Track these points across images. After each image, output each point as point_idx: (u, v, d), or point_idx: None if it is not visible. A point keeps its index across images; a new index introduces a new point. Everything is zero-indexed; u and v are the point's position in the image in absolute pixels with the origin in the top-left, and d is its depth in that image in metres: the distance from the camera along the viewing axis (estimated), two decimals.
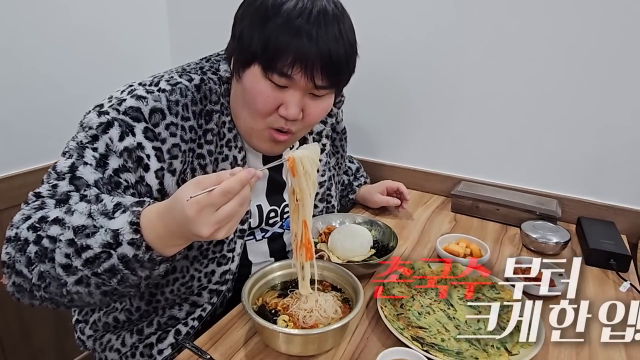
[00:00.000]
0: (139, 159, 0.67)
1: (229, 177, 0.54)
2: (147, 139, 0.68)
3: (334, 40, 0.69)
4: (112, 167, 0.66)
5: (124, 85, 0.74)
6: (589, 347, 0.76)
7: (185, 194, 0.53)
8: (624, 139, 1.16)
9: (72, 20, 1.18)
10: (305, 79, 0.69)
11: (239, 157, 0.81)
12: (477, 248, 1.04)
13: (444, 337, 0.74)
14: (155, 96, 0.70)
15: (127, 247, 0.56)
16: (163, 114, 0.69)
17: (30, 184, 1.08)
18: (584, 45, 1.14)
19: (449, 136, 1.41)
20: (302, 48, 0.67)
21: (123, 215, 0.57)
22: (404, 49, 1.38)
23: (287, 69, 0.68)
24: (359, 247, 0.96)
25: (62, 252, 0.57)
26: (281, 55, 0.67)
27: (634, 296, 0.91)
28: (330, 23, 0.68)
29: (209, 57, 0.84)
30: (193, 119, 0.73)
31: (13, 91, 1.08)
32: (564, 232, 1.09)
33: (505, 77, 1.26)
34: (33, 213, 0.62)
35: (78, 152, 0.65)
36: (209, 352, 0.71)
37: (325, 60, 0.68)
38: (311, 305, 0.75)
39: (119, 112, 0.67)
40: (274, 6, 0.68)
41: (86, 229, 0.57)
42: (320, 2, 0.69)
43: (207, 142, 0.76)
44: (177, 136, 0.71)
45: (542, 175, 1.30)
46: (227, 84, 0.80)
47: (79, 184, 0.64)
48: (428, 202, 1.40)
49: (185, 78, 0.75)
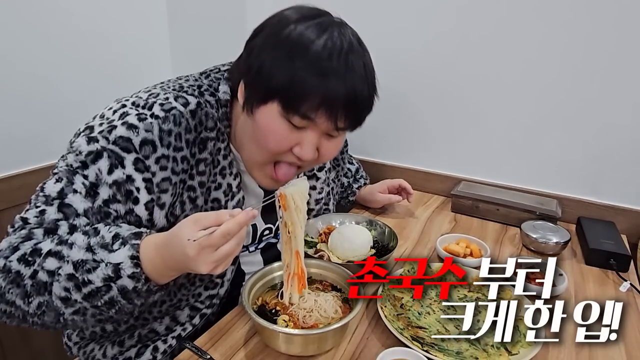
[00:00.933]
0: (129, 192, 0.64)
1: (228, 218, 0.56)
2: (137, 170, 0.64)
3: (360, 80, 0.67)
4: (102, 198, 0.63)
5: (116, 102, 0.70)
6: (589, 347, 0.76)
7: (185, 233, 0.55)
8: (624, 139, 1.16)
9: (72, 21, 1.18)
10: (328, 122, 0.67)
11: (233, 184, 0.78)
12: (477, 248, 1.04)
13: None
14: (147, 125, 0.65)
15: (128, 280, 0.58)
16: (154, 146, 0.65)
17: (30, 184, 1.08)
18: (583, 45, 1.14)
19: (449, 136, 1.41)
20: (330, 91, 0.64)
21: (123, 248, 0.58)
22: (404, 50, 1.38)
23: (312, 112, 0.66)
24: (359, 247, 0.96)
25: (61, 286, 0.58)
26: (307, 97, 0.64)
27: (634, 296, 0.91)
28: (356, 60, 0.66)
29: (208, 73, 0.80)
30: (186, 148, 0.69)
31: (13, 92, 1.08)
32: (564, 232, 1.09)
33: (505, 77, 1.26)
34: (21, 243, 0.61)
35: (68, 178, 0.63)
36: (209, 352, 0.71)
37: (350, 103, 0.67)
38: (311, 305, 0.75)
39: (108, 142, 0.63)
40: (301, 43, 0.64)
41: (86, 263, 0.58)
42: (346, 37, 0.66)
43: (199, 173, 0.72)
44: (168, 169, 0.67)
45: (542, 175, 1.30)
46: (225, 107, 0.76)
47: (68, 213, 0.62)
48: (428, 202, 1.40)
49: (180, 102, 0.69)
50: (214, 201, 0.75)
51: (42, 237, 0.61)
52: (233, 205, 0.77)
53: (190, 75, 0.79)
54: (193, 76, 0.79)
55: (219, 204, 0.76)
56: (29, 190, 0.99)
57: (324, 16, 0.69)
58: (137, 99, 0.69)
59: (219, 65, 0.82)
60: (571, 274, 0.99)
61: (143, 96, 0.70)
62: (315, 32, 0.65)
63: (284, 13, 0.70)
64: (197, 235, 0.54)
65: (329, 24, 0.67)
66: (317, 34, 0.65)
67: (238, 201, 0.78)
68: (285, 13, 0.70)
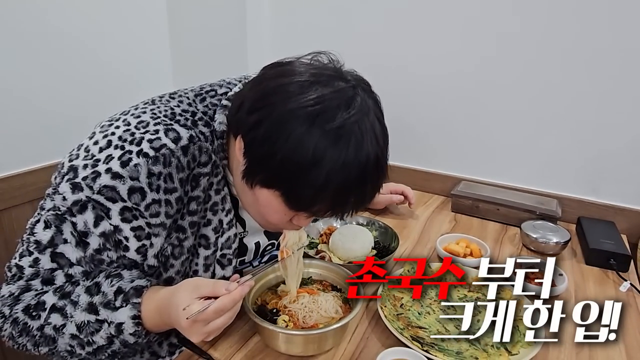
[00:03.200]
0: (118, 242, 0.62)
1: (224, 292, 0.58)
2: (125, 220, 0.61)
3: (374, 189, 0.64)
4: (93, 247, 0.62)
5: (101, 132, 0.64)
6: (589, 347, 0.76)
7: (180, 301, 0.57)
8: (624, 139, 1.16)
9: (71, 23, 1.18)
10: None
11: (224, 220, 0.73)
12: (477, 248, 1.04)
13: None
14: (132, 171, 0.60)
15: (129, 337, 0.61)
16: (143, 193, 0.61)
17: (30, 184, 1.08)
18: (584, 44, 1.14)
19: (449, 136, 1.40)
20: (345, 204, 0.62)
21: (124, 308, 0.60)
22: (404, 51, 1.38)
23: (318, 214, 0.64)
24: (359, 248, 0.95)
25: (66, 342, 0.61)
26: (314, 205, 0.62)
27: (634, 296, 0.91)
28: (380, 175, 0.62)
29: (204, 96, 0.73)
30: (180, 188, 0.64)
31: (13, 91, 1.08)
32: (564, 232, 1.09)
33: (505, 77, 1.26)
34: (21, 294, 0.62)
35: (56, 225, 0.61)
36: (209, 352, 0.71)
37: (359, 205, 0.65)
38: (311, 305, 0.75)
39: (92, 191, 0.59)
40: (323, 159, 0.56)
41: (89, 325, 0.60)
42: (372, 150, 0.59)
43: (190, 213, 0.67)
44: (162, 214, 0.63)
45: (542, 175, 1.30)
46: (221, 138, 0.69)
47: (62, 263, 0.62)
48: (428, 202, 1.40)
49: (171, 136, 0.63)
50: (202, 237, 0.71)
51: (41, 287, 0.63)
52: (222, 242, 0.73)
53: (185, 96, 0.73)
54: (187, 97, 0.72)
55: (206, 241, 0.71)
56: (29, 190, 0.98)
57: (341, 106, 0.57)
58: (124, 132, 0.63)
59: (216, 86, 0.75)
60: (571, 274, 0.99)
61: (132, 123, 0.65)
62: (334, 139, 0.56)
63: (302, 92, 0.58)
64: (192, 307, 0.56)
65: (351, 125, 0.57)
66: (334, 140, 0.56)
67: (228, 238, 0.74)
68: (302, 94, 0.58)
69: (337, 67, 0.65)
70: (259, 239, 0.86)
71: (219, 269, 0.74)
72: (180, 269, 0.70)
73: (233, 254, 0.75)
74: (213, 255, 0.73)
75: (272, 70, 0.64)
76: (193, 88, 0.76)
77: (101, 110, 0.77)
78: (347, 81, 0.61)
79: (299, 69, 0.62)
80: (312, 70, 0.61)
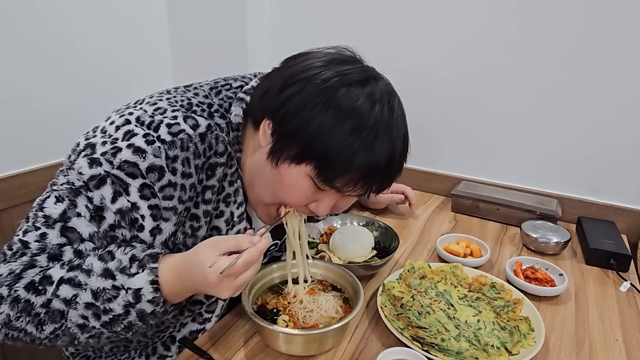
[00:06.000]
0: (134, 220, 0.61)
1: (249, 245, 0.57)
2: (143, 197, 0.60)
3: (400, 154, 0.65)
4: (108, 223, 0.60)
5: (118, 114, 0.64)
6: (589, 347, 0.76)
7: (205, 259, 0.56)
8: (624, 138, 1.16)
9: (71, 24, 1.18)
10: (357, 193, 0.66)
11: (236, 213, 0.73)
12: (477, 248, 1.04)
13: (444, 337, 0.74)
14: (155, 150, 0.60)
15: (147, 304, 0.58)
16: (161, 172, 0.60)
17: (30, 184, 1.08)
18: (584, 44, 1.14)
19: (449, 136, 1.41)
20: (373, 170, 0.62)
21: (142, 273, 0.57)
22: (404, 52, 1.38)
23: (346, 186, 0.63)
24: (360, 248, 0.95)
25: (79, 314, 0.57)
26: (348, 173, 0.61)
27: (634, 296, 0.91)
28: (399, 132, 0.64)
29: (219, 89, 0.74)
30: (195, 175, 0.64)
31: (13, 92, 1.08)
32: (564, 232, 1.09)
33: (505, 77, 1.26)
34: (23, 271, 0.57)
35: (70, 199, 0.59)
36: (209, 352, 0.71)
37: (386, 177, 0.65)
38: (311, 305, 0.75)
39: (112, 166, 0.59)
40: (355, 114, 0.59)
41: (106, 291, 0.57)
42: (394, 110, 0.63)
43: (204, 202, 0.68)
44: (175, 198, 0.62)
45: (542, 175, 1.31)
46: (236, 130, 0.70)
47: (72, 238, 0.59)
48: (428, 202, 1.40)
49: (190, 123, 0.64)
50: (214, 229, 0.71)
51: (47, 263, 0.59)
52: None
53: (200, 88, 0.73)
54: (202, 89, 0.73)
55: (218, 233, 0.72)
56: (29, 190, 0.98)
57: (370, 79, 0.63)
58: (141, 114, 0.63)
59: (230, 80, 0.76)
60: (571, 274, 0.99)
61: (148, 110, 0.64)
62: (369, 104, 0.60)
63: (328, 67, 0.63)
64: (219, 264, 0.55)
65: (381, 93, 0.62)
66: (370, 105, 0.60)
67: (238, 231, 0.74)
68: (330, 69, 0.62)
69: (356, 56, 0.69)
70: None
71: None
72: None
73: None
74: None
75: (297, 58, 0.67)
76: (207, 82, 0.76)
77: (101, 110, 0.77)
78: (367, 66, 0.67)
79: (322, 54, 0.66)
80: (334, 54, 0.66)
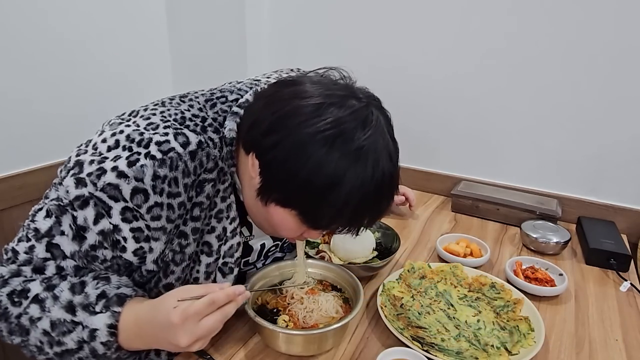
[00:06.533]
0: (115, 241, 0.62)
1: (217, 290, 0.57)
2: (125, 220, 0.61)
3: (388, 206, 0.67)
4: (89, 243, 0.62)
5: (110, 130, 0.64)
6: (589, 347, 0.76)
7: (171, 302, 0.56)
8: (624, 138, 1.16)
9: (71, 25, 1.18)
10: None
11: (228, 228, 0.72)
12: (477, 248, 1.04)
13: (444, 337, 0.74)
14: (138, 172, 0.59)
15: (100, 346, 0.59)
16: (146, 195, 0.60)
17: (30, 184, 1.08)
18: (584, 44, 1.14)
19: (449, 136, 1.41)
20: (358, 223, 0.65)
21: (103, 314, 0.59)
22: (404, 52, 1.38)
23: (335, 231, 0.67)
24: (360, 249, 0.95)
25: (37, 337, 0.60)
26: (332, 224, 0.65)
27: (634, 296, 0.91)
28: (393, 191, 0.66)
29: (214, 101, 0.72)
30: (184, 193, 0.64)
31: (13, 92, 1.08)
32: (564, 232, 1.09)
33: (504, 77, 1.26)
34: (10, 278, 0.62)
35: (56, 216, 0.62)
36: (209, 352, 0.71)
37: (372, 224, 0.69)
38: (311, 305, 0.75)
39: (96, 188, 0.59)
40: (342, 183, 0.58)
41: (64, 324, 0.59)
42: (387, 169, 0.62)
43: (193, 219, 0.67)
44: (163, 218, 0.63)
45: (542, 175, 1.30)
46: (230, 145, 0.69)
47: (56, 254, 0.62)
48: (428, 202, 1.40)
49: (180, 140, 0.63)
50: (205, 245, 0.71)
51: (31, 274, 0.63)
52: (225, 250, 0.72)
53: (195, 100, 0.72)
54: (198, 101, 0.72)
55: (209, 248, 0.71)
56: (29, 190, 0.98)
57: (358, 128, 0.59)
58: (133, 131, 0.63)
59: (226, 92, 0.75)
60: (571, 274, 0.99)
61: (141, 125, 0.64)
62: (355, 168, 0.59)
63: (318, 112, 0.59)
64: (184, 304, 0.55)
65: (369, 146, 0.60)
66: (356, 168, 0.59)
67: (231, 246, 0.72)
68: (319, 115, 0.59)
69: (349, 84, 0.66)
70: (264, 241, 0.86)
71: (220, 276, 0.73)
72: (181, 276, 0.69)
73: (235, 263, 0.74)
74: (215, 262, 0.72)
75: (286, 90, 0.64)
76: (204, 92, 0.75)
77: (100, 111, 0.77)
78: (359, 100, 0.62)
79: (312, 88, 0.63)
80: (325, 91, 0.62)
